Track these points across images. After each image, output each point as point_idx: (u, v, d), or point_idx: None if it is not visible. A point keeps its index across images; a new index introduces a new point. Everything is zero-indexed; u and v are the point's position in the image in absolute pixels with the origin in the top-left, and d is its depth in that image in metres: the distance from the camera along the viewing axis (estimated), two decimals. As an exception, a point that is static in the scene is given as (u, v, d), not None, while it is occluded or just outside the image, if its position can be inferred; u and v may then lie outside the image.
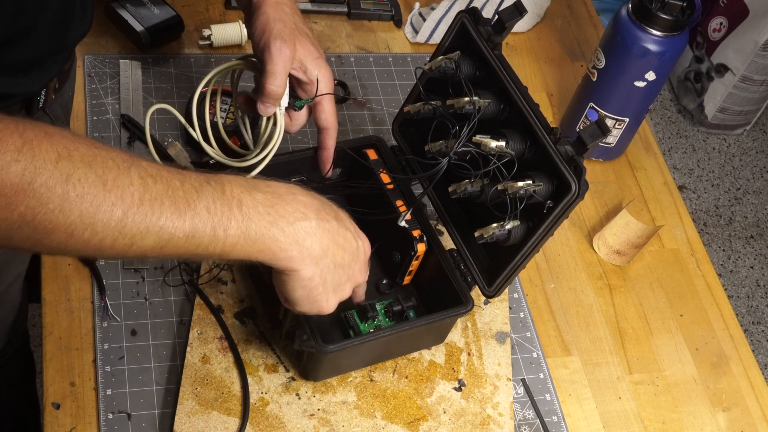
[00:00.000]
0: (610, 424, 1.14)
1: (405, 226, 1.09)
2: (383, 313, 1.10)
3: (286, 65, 1.03)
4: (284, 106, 1.07)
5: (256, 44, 1.03)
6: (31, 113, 1.03)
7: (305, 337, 0.98)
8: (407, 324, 1.04)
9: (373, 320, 1.08)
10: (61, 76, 1.07)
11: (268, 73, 1.02)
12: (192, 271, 1.13)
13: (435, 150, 1.06)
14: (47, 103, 1.05)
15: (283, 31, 1.02)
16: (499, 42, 1.05)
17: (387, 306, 1.10)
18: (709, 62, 2.81)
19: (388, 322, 1.09)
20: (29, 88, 0.99)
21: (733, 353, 1.23)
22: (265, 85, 1.02)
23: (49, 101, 1.05)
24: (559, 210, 0.97)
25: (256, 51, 1.04)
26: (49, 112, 1.07)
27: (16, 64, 0.93)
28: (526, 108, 1.01)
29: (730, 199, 2.77)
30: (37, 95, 1.02)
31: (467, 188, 1.03)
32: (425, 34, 1.48)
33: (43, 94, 1.03)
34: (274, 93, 1.03)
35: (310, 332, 0.98)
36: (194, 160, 1.23)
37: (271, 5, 1.04)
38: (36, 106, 1.03)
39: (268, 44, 1.01)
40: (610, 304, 1.25)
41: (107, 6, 1.37)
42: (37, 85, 1.01)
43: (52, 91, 1.05)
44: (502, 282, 1.05)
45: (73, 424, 1.01)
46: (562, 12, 1.60)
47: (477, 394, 1.11)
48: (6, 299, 1.25)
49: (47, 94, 1.04)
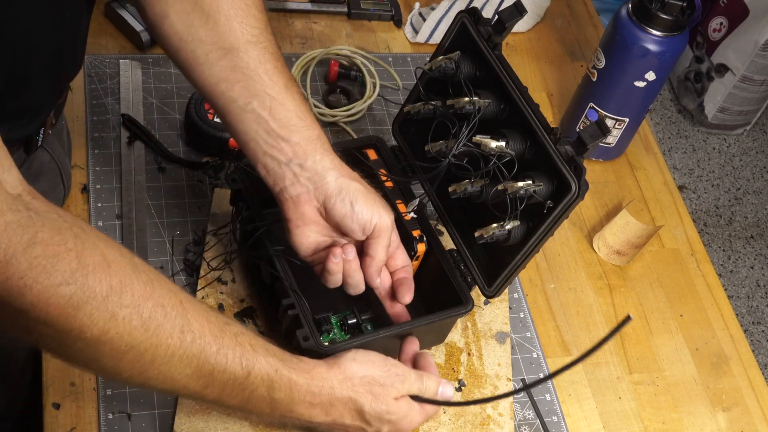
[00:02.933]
0: (610, 424, 1.14)
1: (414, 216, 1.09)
2: (338, 326, 1.08)
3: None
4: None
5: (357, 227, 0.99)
6: (30, 152, 1.02)
7: (305, 337, 0.98)
8: (406, 325, 1.04)
9: (328, 333, 1.06)
10: (57, 110, 1.05)
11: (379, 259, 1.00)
12: (192, 272, 1.13)
13: (435, 150, 1.06)
14: (44, 140, 1.04)
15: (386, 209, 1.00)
16: (499, 42, 1.05)
17: (342, 318, 1.08)
18: (709, 62, 2.81)
19: (343, 335, 1.07)
20: (27, 131, 0.99)
21: (733, 353, 1.23)
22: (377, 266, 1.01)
23: (46, 136, 1.04)
24: (559, 210, 0.97)
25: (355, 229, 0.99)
26: (47, 146, 1.07)
27: (12, 111, 0.92)
28: (526, 108, 1.01)
29: (730, 199, 2.77)
30: (35, 135, 1.01)
31: (467, 188, 1.03)
32: (425, 34, 1.48)
33: (41, 132, 1.02)
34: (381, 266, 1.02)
35: (309, 332, 0.98)
36: (194, 160, 1.23)
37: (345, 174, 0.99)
38: (35, 145, 1.02)
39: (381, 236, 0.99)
40: (610, 304, 1.25)
41: (107, 6, 1.37)
42: (35, 127, 1.00)
43: (49, 127, 1.04)
44: (502, 282, 1.04)
45: (73, 424, 1.01)
46: (562, 12, 1.60)
47: (477, 394, 1.11)
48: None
49: (44, 132, 1.03)
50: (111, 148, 1.23)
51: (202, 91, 0.99)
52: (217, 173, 1.22)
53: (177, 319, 0.79)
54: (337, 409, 0.92)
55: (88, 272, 0.72)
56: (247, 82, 0.96)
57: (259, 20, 0.98)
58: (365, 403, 0.92)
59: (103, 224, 1.16)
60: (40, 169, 1.08)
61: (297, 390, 0.89)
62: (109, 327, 0.74)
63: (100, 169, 1.21)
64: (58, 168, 1.11)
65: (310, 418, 0.91)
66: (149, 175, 1.21)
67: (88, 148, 1.22)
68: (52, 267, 0.71)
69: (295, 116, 0.97)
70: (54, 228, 0.72)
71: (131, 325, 0.76)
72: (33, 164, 1.06)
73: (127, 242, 1.14)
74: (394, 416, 0.94)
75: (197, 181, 1.22)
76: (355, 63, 1.40)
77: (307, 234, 0.99)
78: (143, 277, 0.77)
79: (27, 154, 1.02)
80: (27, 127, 0.98)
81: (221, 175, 1.22)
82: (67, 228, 0.73)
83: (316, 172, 0.97)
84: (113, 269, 0.74)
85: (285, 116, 0.96)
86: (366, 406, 0.92)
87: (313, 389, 0.90)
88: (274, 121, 0.96)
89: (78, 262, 0.72)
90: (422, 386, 0.97)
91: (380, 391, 0.93)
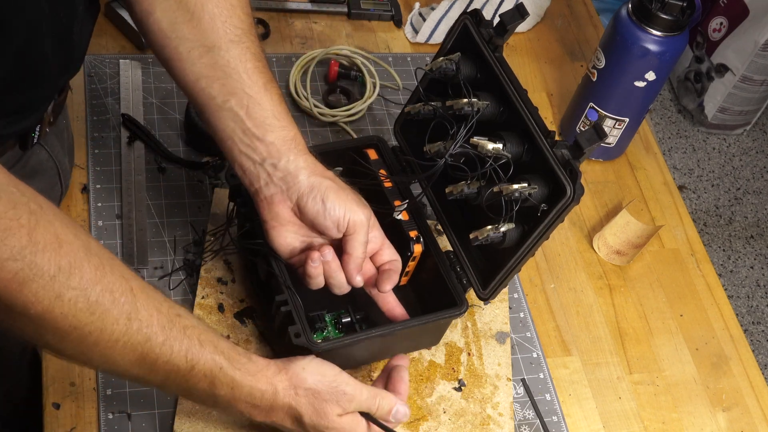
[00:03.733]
0: (610, 424, 1.14)
1: (399, 218, 1.08)
2: (332, 324, 1.07)
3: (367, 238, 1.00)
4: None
5: (331, 224, 0.98)
6: (25, 148, 1.02)
7: (296, 334, 0.98)
8: (399, 324, 1.04)
9: (322, 331, 1.06)
10: (56, 108, 1.05)
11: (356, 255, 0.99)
12: (192, 272, 1.13)
13: (433, 151, 1.06)
14: (42, 136, 1.04)
15: (360, 204, 0.99)
16: (500, 44, 1.05)
17: (336, 317, 1.08)
18: (709, 62, 2.81)
19: (337, 333, 1.07)
20: (24, 127, 0.99)
21: (733, 353, 1.23)
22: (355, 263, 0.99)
23: (44, 134, 1.04)
24: (553, 214, 0.97)
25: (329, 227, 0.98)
26: (45, 144, 1.07)
27: (8, 107, 0.93)
28: (524, 111, 1.01)
29: (730, 199, 2.77)
30: (31, 132, 1.01)
31: (464, 190, 1.03)
32: (425, 34, 1.48)
33: (38, 130, 1.02)
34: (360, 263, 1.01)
35: (301, 328, 0.98)
36: (194, 160, 1.24)
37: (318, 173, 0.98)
38: (31, 141, 1.02)
39: (357, 232, 0.99)
40: (610, 304, 1.25)
41: (107, 6, 1.37)
42: (32, 123, 1.00)
43: (47, 125, 1.04)
44: (496, 285, 1.04)
45: (73, 424, 1.01)
46: (562, 12, 1.60)
47: (477, 394, 1.11)
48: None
49: (42, 129, 1.03)
50: (111, 148, 1.23)
51: (184, 89, 1.00)
52: (217, 173, 1.22)
53: (125, 305, 0.79)
54: (277, 414, 0.91)
55: (38, 250, 0.72)
56: (226, 80, 0.97)
57: (243, 21, 0.99)
58: (305, 414, 0.91)
59: (103, 224, 1.16)
60: (37, 167, 1.08)
61: (239, 390, 0.89)
62: (54, 307, 0.74)
63: (100, 169, 1.21)
64: (56, 167, 1.11)
65: (251, 417, 0.91)
66: (149, 175, 1.21)
67: (88, 148, 1.22)
68: (1, 241, 0.70)
69: (271, 116, 0.97)
70: (9, 202, 0.72)
71: (77, 307, 0.75)
72: (29, 162, 1.05)
73: (127, 242, 1.14)
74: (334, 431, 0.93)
75: (197, 181, 1.22)
76: (355, 63, 1.40)
77: (284, 235, 0.99)
78: (95, 260, 0.77)
79: (22, 150, 1.02)
80: (22, 123, 0.98)
81: (221, 175, 1.22)
82: (24, 203, 0.73)
83: (288, 172, 0.97)
84: (64, 250, 0.74)
85: (261, 115, 0.97)
86: (305, 417, 0.91)
87: (255, 392, 0.89)
88: (250, 119, 0.96)
89: (29, 239, 0.72)
90: (374, 405, 0.95)
91: (322, 406, 0.91)
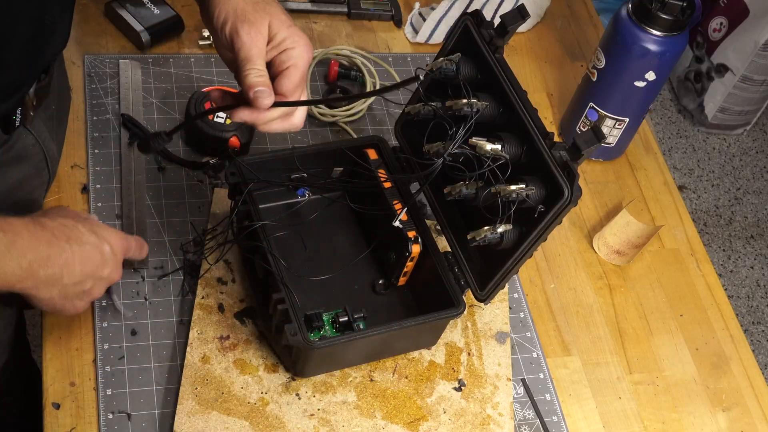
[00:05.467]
0: (610, 424, 1.14)
1: (399, 226, 1.09)
2: (329, 323, 1.07)
3: (261, 49, 0.95)
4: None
5: (220, 33, 0.96)
6: (7, 131, 1.02)
7: (292, 333, 0.98)
8: (396, 324, 1.04)
9: (319, 330, 1.06)
10: (39, 92, 1.05)
11: (244, 62, 0.94)
12: (192, 272, 1.13)
13: (432, 151, 1.06)
14: (26, 120, 1.04)
15: (246, 11, 0.95)
16: (501, 45, 1.05)
17: (334, 316, 1.07)
18: (709, 62, 2.81)
19: (334, 333, 1.07)
20: (2, 110, 0.98)
21: (733, 353, 1.23)
22: (246, 78, 0.94)
23: (28, 118, 1.04)
24: (551, 215, 0.97)
25: (222, 40, 0.97)
26: (31, 128, 1.07)
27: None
28: (523, 112, 1.01)
29: (730, 199, 2.77)
30: (11, 114, 1.01)
31: (462, 190, 1.03)
32: (425, 34, 1.48)
33: (20, 112, 1.02)
34: (259, 83, 0.94)
35: (297, 327, 0.98)
36: (194, 160, 1.24)
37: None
38: (13, 124, 1.02)
39: (236, 31, 0.94)
40: (610, 304, 1.25)
41: (107, 6, 1.37)
42: (9, 106, 1.00)
43: (30, 108, 1.04)
44: (494, 286, 1.04)
45: (73, 424, 1.01)
46: (562, 12, 1.60)
47: (477, 394, 1.11)
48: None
49: (24, 111, 1.03)
50: (111, 148, 1.23)
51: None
52: (217, 173, 1.22)
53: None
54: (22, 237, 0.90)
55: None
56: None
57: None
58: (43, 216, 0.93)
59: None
60: (23, 152, 1.07)
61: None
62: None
63: (100, 169, 1.21)
64: (42, 153, 1.10)
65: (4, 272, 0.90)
66: (149, 175, 1.21)
67: (88, 148, 1.22)
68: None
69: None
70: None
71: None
72: (15, 146, 1.05)
73: (127, 242, 1.14)
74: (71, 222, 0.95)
75: (197, 181, 1.22)
76: (355, 63, 1.40)
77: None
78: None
79: (5, 132, 1.02)
80: (2, 105, 0.98)
81: (221, 175, 1.22)
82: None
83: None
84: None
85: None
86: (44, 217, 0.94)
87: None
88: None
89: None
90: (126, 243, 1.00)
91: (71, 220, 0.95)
